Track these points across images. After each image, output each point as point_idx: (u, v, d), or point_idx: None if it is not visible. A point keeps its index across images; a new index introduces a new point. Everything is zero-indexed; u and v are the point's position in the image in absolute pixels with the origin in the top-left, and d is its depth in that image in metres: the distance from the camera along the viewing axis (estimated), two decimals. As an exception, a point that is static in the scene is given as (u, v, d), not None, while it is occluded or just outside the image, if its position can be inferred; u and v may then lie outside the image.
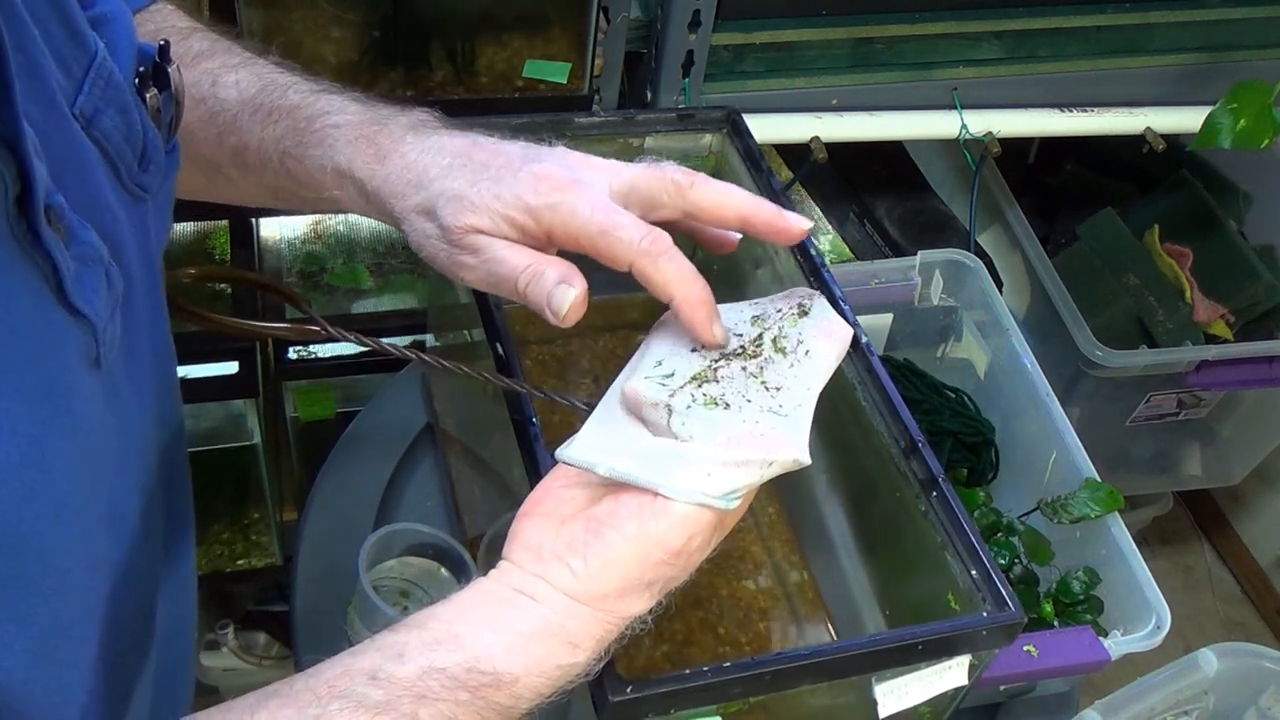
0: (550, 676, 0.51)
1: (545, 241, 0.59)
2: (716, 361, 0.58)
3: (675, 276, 0.57)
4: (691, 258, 0.66)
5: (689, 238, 0.66)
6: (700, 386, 0.56)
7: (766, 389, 0.56)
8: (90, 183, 0.44)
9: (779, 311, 0.62)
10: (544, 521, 0.54)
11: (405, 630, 0.50)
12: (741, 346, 0.59)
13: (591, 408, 0.58)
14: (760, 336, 0.60)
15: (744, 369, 0.57)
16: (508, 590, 0.52)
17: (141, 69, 0.48)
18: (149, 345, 0.51)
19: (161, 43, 0.50)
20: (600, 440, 0.55)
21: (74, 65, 0.43)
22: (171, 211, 0.55)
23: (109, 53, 0.45)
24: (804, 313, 0.62)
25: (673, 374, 0.57)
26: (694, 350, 0.59)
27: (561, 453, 0.55)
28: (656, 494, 0.52)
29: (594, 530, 0.52)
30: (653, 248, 0.57)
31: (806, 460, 0.53)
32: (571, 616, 0.51)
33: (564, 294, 0.57)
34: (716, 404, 0.54)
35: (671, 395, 0.55)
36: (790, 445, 0.53)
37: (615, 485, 0.53)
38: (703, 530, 0.52)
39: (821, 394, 0.58)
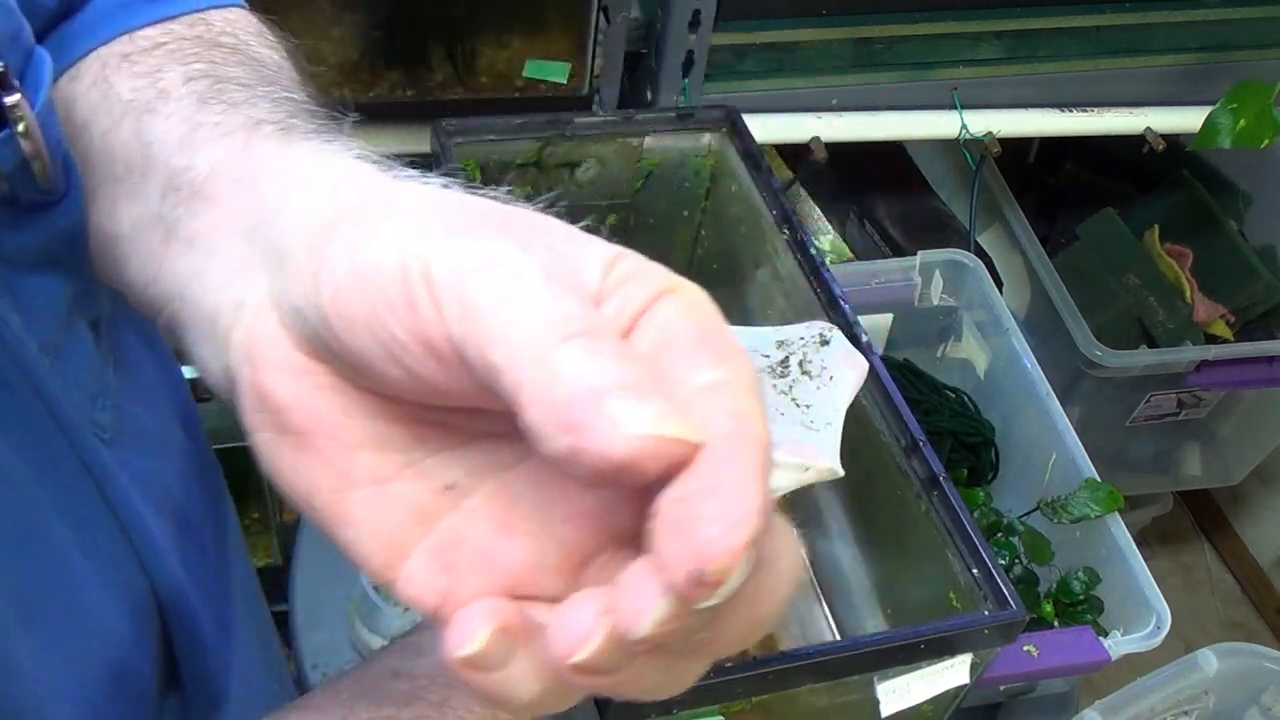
0: None
1: None
2: None
3: None
4: (692, 255, 0.66)
5: None
6: None
7: (797, 405, 0.57)
8: None
9: (801, 339, 0.63)
10: None
11: (419, 631, 0.50)
12: (770, 367, 0.60)
13: None
14: (786, 359, 0.61)
15: (774, 386, 0.59)
16: None
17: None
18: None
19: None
20: None
21: None
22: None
23: None
24: (825, 342, 0.63)
25: None
26: None
27: None
28: None
29: None
30: None
31: (840, 471, 0.54)
32: None
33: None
34: None
35: None
36: (826, 455, 0.54)
37: None
38: None
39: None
